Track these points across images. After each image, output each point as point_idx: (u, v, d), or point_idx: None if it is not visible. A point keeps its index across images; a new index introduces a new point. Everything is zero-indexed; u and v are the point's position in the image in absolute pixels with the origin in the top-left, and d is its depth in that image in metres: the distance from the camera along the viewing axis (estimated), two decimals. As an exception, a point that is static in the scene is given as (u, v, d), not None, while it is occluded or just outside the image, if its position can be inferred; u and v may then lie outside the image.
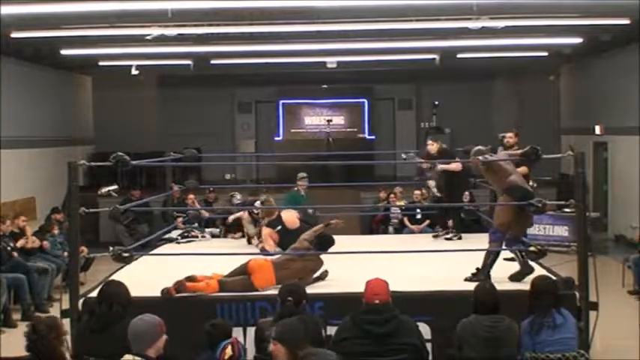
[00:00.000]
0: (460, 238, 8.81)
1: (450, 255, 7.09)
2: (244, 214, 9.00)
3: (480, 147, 6.70)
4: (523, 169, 8.31)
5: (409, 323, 4.77)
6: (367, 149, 16.32)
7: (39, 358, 4.07)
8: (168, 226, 9.87)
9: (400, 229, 12.25)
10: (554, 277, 6.05)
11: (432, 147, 9.11)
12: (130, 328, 4.14)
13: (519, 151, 7.06)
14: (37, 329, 4.09)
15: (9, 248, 9.29)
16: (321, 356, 4.13)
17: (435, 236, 9.20)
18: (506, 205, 6.38)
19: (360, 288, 4.88)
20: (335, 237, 8.16)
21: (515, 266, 6.85)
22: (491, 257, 6.34)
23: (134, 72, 14.11)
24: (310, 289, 5.93)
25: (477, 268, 6.31)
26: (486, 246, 6.61)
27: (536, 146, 5.97)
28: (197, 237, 9.59)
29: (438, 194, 9.04)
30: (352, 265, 6.74)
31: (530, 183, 8.93)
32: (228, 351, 4.57)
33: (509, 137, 8.80)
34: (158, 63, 14.43)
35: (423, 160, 9.32)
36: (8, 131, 12.16)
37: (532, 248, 6.26)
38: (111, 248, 6.05)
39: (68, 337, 5.22)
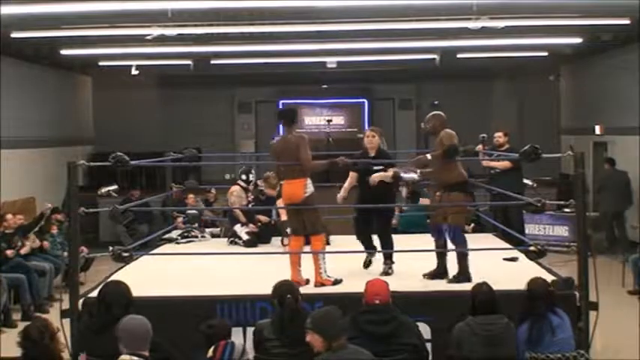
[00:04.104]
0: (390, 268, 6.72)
1: (450, 255, 7.07)
2: (234, 188, 9.01)
3: (436, 112, 6.49)
4: (505, 164, 8.40)
5: (409, 323, 4.78)
6: (367, 149, 16.24)
7: None
8: (168, 226, 9.86)
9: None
10: (553, 277, 6.05)
11: (373, 140, 6.70)
12: (123, 328, 4.09)
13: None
14: (29, 336, 4.04)
15: (14, 249, 9.31)
16: (353, 351, 4.12)
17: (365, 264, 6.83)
18: (459, 202, 6.32)
19: (360, 288, 4.88)
20: (335, 237, 8.19)
21: (515, 266, 6.87)
22: (464, 257, 6.30)
23: (134, 72, 14.13)
24: (310, 289, 5.94)
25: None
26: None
27: (535, 145, 5.96)
28: (197, 237, 9.58)
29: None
30: (352, 265, 6.74)
31: (530, 182, 8.98)
32: (210, 352, 4.52)
33: (499, 137, 8.89)
34: (158, 63, 14.42)
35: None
36: (8, 131, 12.15)
37: (532, 248, 6.24)
38: (111, 248, 6.04)
39: (67, 335, 5.25)
